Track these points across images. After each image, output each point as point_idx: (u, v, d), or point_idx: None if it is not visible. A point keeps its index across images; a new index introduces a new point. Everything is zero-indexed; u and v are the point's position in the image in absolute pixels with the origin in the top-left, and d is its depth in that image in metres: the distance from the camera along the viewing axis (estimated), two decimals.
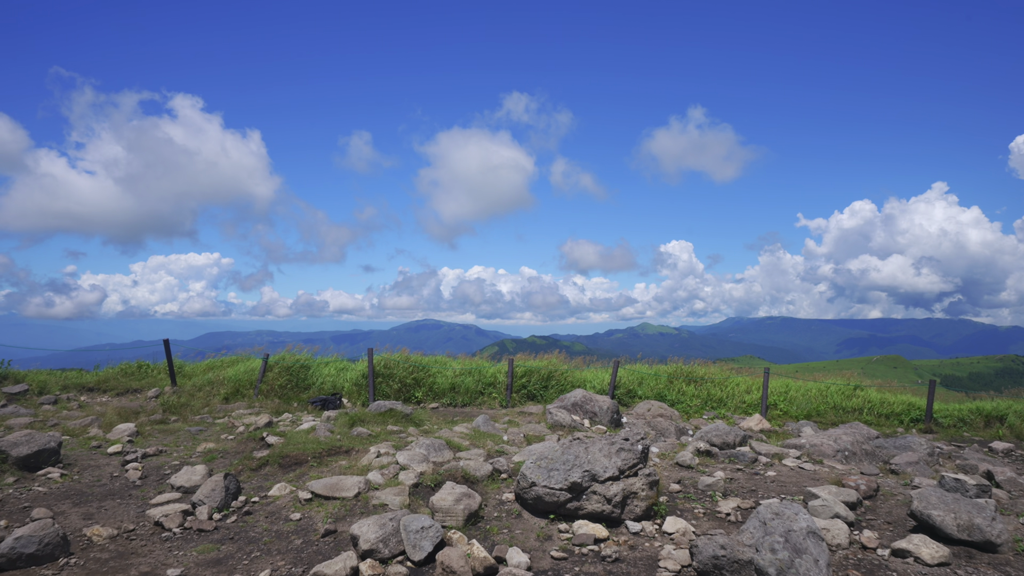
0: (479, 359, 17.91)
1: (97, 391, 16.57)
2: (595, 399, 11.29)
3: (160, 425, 11.63)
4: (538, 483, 6.04)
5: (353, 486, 6.49)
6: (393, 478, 6.89)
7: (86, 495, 7.05)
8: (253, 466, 7.75)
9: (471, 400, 15.83)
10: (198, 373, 17.45)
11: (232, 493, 6.37)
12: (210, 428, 11.37)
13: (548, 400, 15.91)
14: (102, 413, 12.79)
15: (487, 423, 10.51)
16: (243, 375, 16.03)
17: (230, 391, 15.54)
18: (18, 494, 7.04)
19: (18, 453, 7.89)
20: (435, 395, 15.87)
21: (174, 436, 10.62)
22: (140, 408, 13.95)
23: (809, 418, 14.85)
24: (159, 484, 7.44)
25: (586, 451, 6.22)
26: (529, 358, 17.73)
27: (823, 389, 16.33)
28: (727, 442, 9.47)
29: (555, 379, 16.52)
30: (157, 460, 8.73)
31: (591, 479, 5.98)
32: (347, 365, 17.08)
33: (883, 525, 6.06)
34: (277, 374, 15.97)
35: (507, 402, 15.58)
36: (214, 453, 8.91)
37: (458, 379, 16.18)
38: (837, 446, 8.93)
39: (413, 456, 7.43)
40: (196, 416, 12.53)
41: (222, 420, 12.29)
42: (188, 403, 13.98)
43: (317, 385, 15.93)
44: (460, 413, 14.58)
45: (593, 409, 11.13)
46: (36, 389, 15.44)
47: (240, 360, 17.93)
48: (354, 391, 15.60)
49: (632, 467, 6.12)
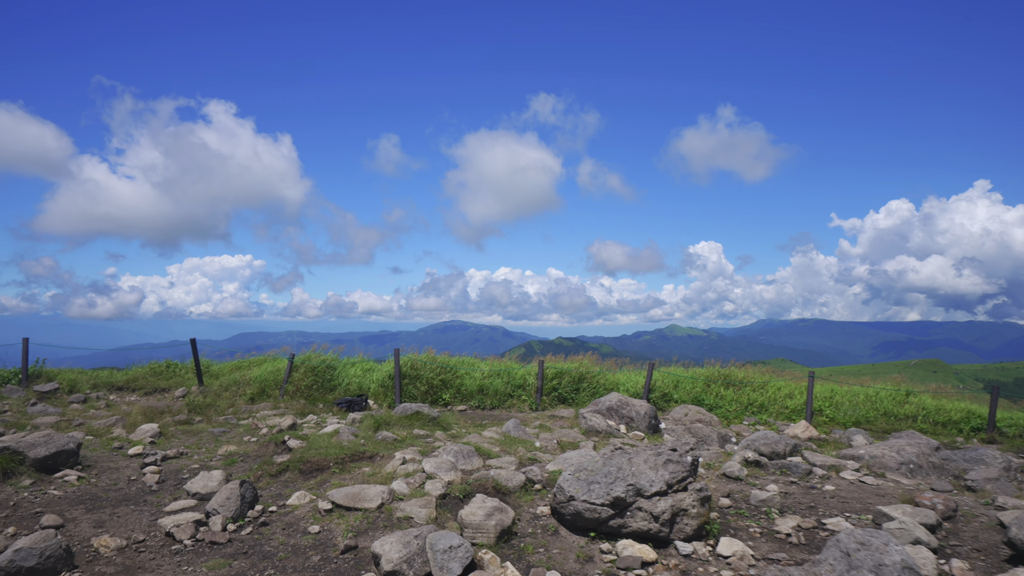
0: (508, 360, 17.40)
1: (126, 390, 16.54)
2: (631, 403, 10.67)
3: (184, 426, 11.40)
4: (577, 497, 5.49)
5: (376, 496, 6.02)
6: (419, 488, 6.41)
7: (100, 500, 6.73)
8: (273, 472, 7.35)
9: (500, 403, 15.33)
10: (225, 373, 17.31)
11: (248, 502, 5.96)
12: (233, 429, 11.08)
13: (580, 403, 15.31)
14: (128, 413, 12.63)
15: (518, 428, 9.99)
16: (269, 375, 15.81)
17: (256, 391, 15.32)
18: (32, 498, 6.76)
19: (36, 454, 7.64)
20: (463, 397, 15.42)
21: (197, 437, 10.35)
22: (166, 408, 13.79)
23: (858, 425, 13.96)
24: (175, 489, 7.09)
25: (630, 462, 5.64)
26: (559, 360, 17.15)
27: (872, 395, 15.40)
28: (776, 451, 8.77)
29: (587, 382, 15.92)
30: (177, 463, 8.42)
31: (636, 494, 5.40)
32: (373, 366, 16.74)
33: (972, 553, 5.34)
34: (303, 374, 15.70)
35: (537, 405, 15.04)
36: (234, 456, 8.57)
37: (487, 381, 15.69)
38: (900, 458, 8.17)
39: (440, 464, 6.94)
40: (220, 417, 12.28)
41: (246, 421, 12.02)
42: (213, 403, 13.77)
43: (343, 386, 15.62)
44: (489, 416, 14.09)
45: (629, 414, 10.52)
46: (66, 388, 15.45)
47: (267, 360, 17.74)
48: (380, 392, 15.23)
49: (681, 481, 5.53)
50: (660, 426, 10.65)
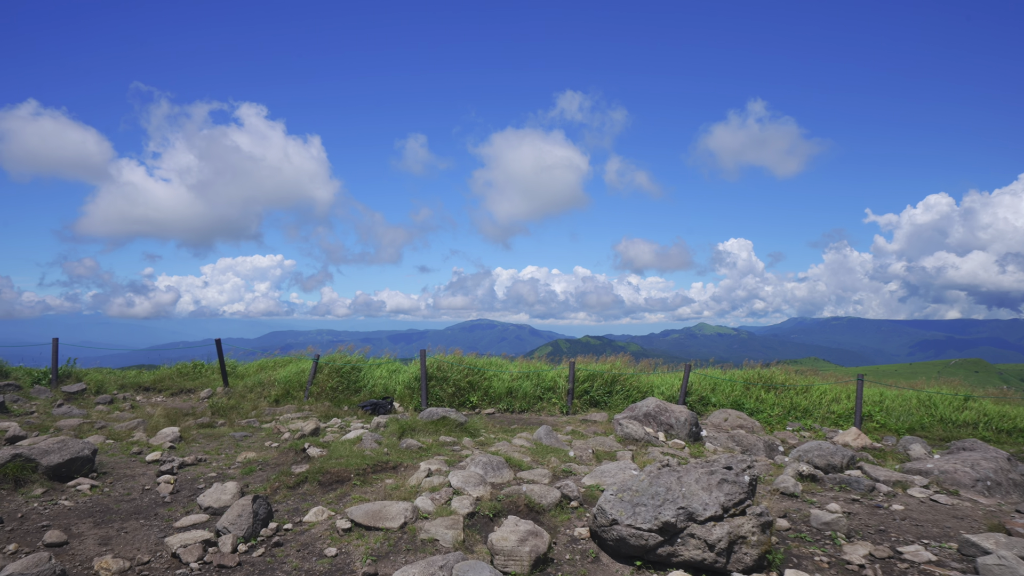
0: (537, 361, 16.84)
1: (153, 391, 16.43)
2: (670, 409, 10.02)
3: (206, 429, 11.11)
4: (620, 521, 4.91)
5: (399, 514, 5.52)
6: (445, 504, 5.89)
7: (111, 513, 6.37)
8: (290, 483, 6.92)
9: (529, 406, 14.77)
10: (250, 373, 17.11)
11: (262, 519, 5.51)
12: (255, 434, 10.74)
13: (613, 407, 14.67)
14: (151, 415, 12.41)
15: (549, 435, 9.42)
16: (294, 376, 15.52)
17: (280, 393, 15.04)
18: (42, 509, 6.44)
19: (48, 462, 7.34)
20: (491, 400, 14.90)
21: (217, 442, 10.02)
22: (191, 410, 13.57)
23: (912, 432, 13.04)
24: (189, 501, 6.71)
25: (679, 482, 5.03)
26: (591, 361, 16.51)
27: (925, 399, 14.41)
28: (832, 464, 8.04)
29: (620, 384, 15.26)
30: (194, 471, 8.06)
31: (688, 518, 4.79)
32: (399, 367, 16.34)
33: None
34: (327, 376, 15.37)
35: (568, 409, 14.44)
36: (253, 464, 8.18)
37: (515, 383, 15.15)
38: (975, 474, 7.37)
39: (468, 477, 6.42)
40: (243, 420, 11.98)
41: (268, 425, 11.68)
42: (237, 405, 13.50)
43: (368, 388, 15.24)
44: (518, 420, 13.55)
45: (668, 421, 9.86)
46: (93, 388, 15.38)
47: (292, 361, 17.49)
48: (406, 394, 14.81)
49: (739, 504, 4.90)
50: (701, 433, 9.97)
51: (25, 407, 13.27)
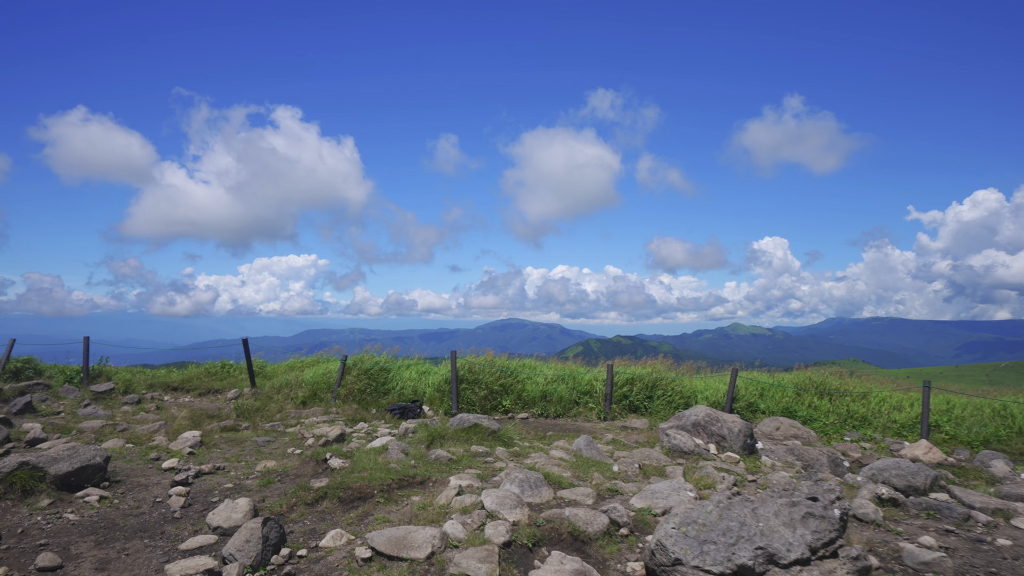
0: (573, 364, 16.06)
1: (181, 390, 16.20)
2: (722, 419, 9.15)
3: (228, 433, 10.66)
4: (685, 561, 4.14)
5: (425, 543, 4.85)
6: (478, 530, 5.20)
7: (116, 530, 5.86)
8: (309, 499, 6.32)
9: (565, 411, 14.02)
10: (278, 374, 16.75)
11: (272, 544, 4.90)
12: (278, 439, 10.24)
13: (654, 413, 13.81)
14: (174, 417, 12.06)
15: (590, 446, 8.66)
16: (321, 378, 15.07)
17: (307, 394, 14.60)
18: (44, 523, 5.97)
19: (57, 471, 6.90)
20: (524, 404, 14.20)
21: (239, 448, 9.54)
22: (216, 411, 13.21)
23: (988, 445, 11.85)
24: (199, 518, 6.16)
25: (754, 514, 4.24)
26: (628, 363, 15.67)
27: (999, 408, 13.16)
28: (914, 485, 7.09)
29: (661, 388, 14.37)
30: (210, 480, 7.55)
31: (768, 561, 4.00)
32: (429, 368, 15.76)
33: None
34: (355, 377, 14.87)
35: (606, 414, 13.64)
36: (272, 475, 7.63)
37: (550, 386, 14.41)
38: None
39: (503, 498, 5.71)
40: (267, 423, 11.52)
41: (293, 429, 11.19)
42: (263, 407, 13.08)
43: (397, 390, 14.69)
44: (553, 426, 12.81)
45: (720, 431, 9.00)
46: (122, 388, 15.19)
47: (320, 361, 17.09)
48: (436, 397, 14.20)
49: (829, 543, 4.08)
50: (756, 446, 9.08)
51: (53, 407, 13.08)
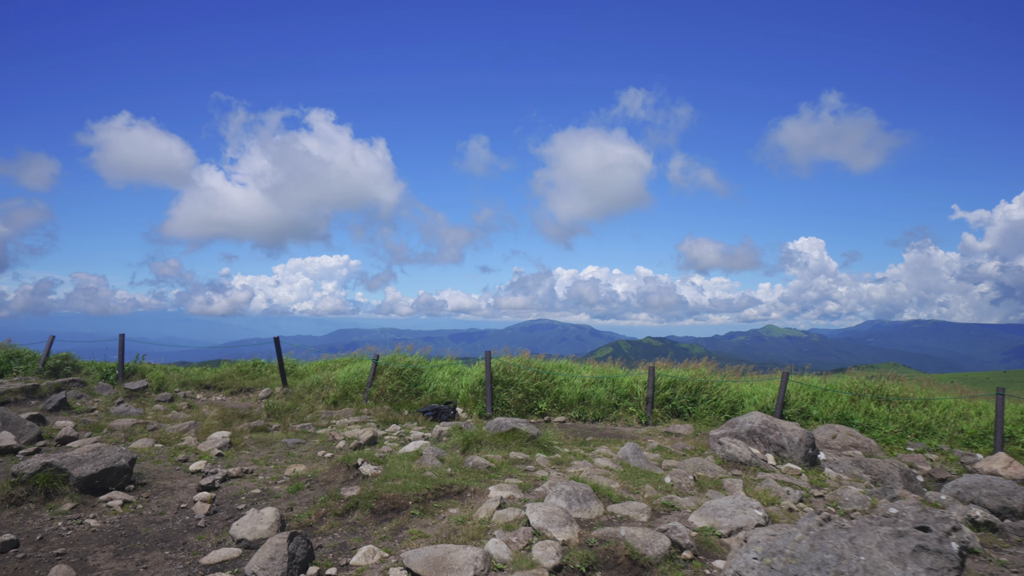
0: (611, 365, 15.43)
1: (213, 389, 16.08)
2: (780, 427, 8.45)
3: (258, 434, 10.37)
4: None
5: (466, 565, 4.35)
6: (524, 551, 4.68)
7: (137, 538, 5.51)
8: (339, 509, 5.88)
9: (604, 414, 13.41)
10: (310, 373, 16.51)
11: (299, 563, 4.46)
12: (309, 441, 9.89)
13: (699, 418, 13.10)
14: (205, 416, 11.84)
15: (637, 454, 8.06)
16: (353, 377, 14.75)
17: (339, 394, 14.28)
18: (65, 529, 5.66)
19: (81, 473, 6.62)
20: (561, 407, 13.63)
21: (268, 450, 9.21)
22: (247, 410, 12.98)
23: None
24: (224, 527, 5.78)
25: (852, 546, 3.62)
26: (669, 365, 14.97)
27: None
28: (1010, 507, 6.32)
29: (705, 392, 13.65)
30: (237, 485, 7.19)
31: None
32: (462, 369, 15.31)
33: None
34: (387, 377, 14.50)
35: (648, 419, 12.99)
36: (301, 481, 7.23)
37: (588, 389, 13.81)
38: None
39: (550, 513, 5.18)
40: (298, 424, 11.20)
41: (324, 430, 10.84)
42: (294, 407, 12.80)
43: (430, 391, 14.27)
44: (592, 431, 12.23)
45: (779, 441, 8.31)
46: (155, 386, 15.12)
47: (351, 360, 16.79)
48: (470, 399, 13.74)
49: None
50: (818, 457, 8.36)
51: (87, 404, 13.02)
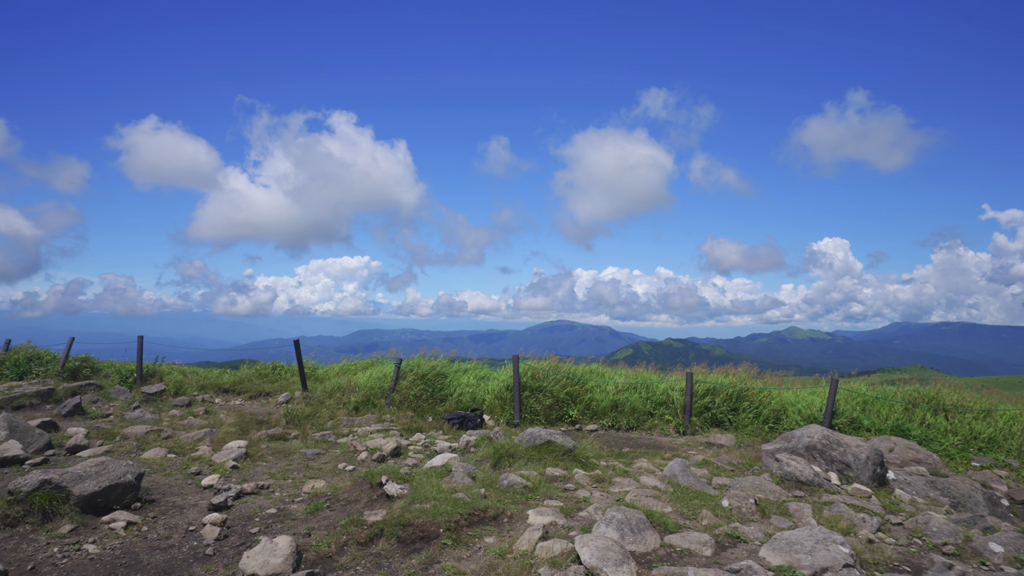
0: (644, 371, 14.66)
1: (232, 392, 15.65)
2: (843, 442, 7.64)
3: (276, 443, 9.82)
4: None
5: None
6: None
7: (137, 568, 4.94)
8: (362, 537, 5.25)
9: (638, 423, 12.66)
10: (331, 377, 16.00)
11: None
12: (329, 451, 9.31)
13: (740, 427, 12.29)
14: (222, 423, 11.35)
15: (685, 471, 7.33)
16: (375, 382, 14.18)
17: (360, 400, 13.73)
18: (60, 557, 5.11)
19: (82, 491, 6.08)
20: (593, 414, 12.91)
21: (286, 461, 8.64)
22: (266, 416, 12.48)
23: None
24: (234, 556, 5.18)
25: None
26: (709, 371, 14.17)
27: None
28: None
29: (747, 400, 12.82)
30: (251, 504, 6.61)
31: None
32: (488, 373, 14.66)
33: None
34: (411, 382, 13.91)
35: (686, 428, 12.21)
36: (320, 499, 6.62)
37: (621, 396, 13.07)
38: None
39: (603, 548, 4.49)
40: (318, 433, 10.64)
41: (345, 439, 10.27)
42: (314, 414, 12.26)
43: (455, 397, 13.65)
44: (627, 440, 11.50)
45: (843, 458, 7.49)
46: (172, 390, 14.72)
47: (373, 364, 16.24)
48: (497, 405, 13.08)
49: None
50: (887, 476, 7.53)
51: (103, 408, 12.63)
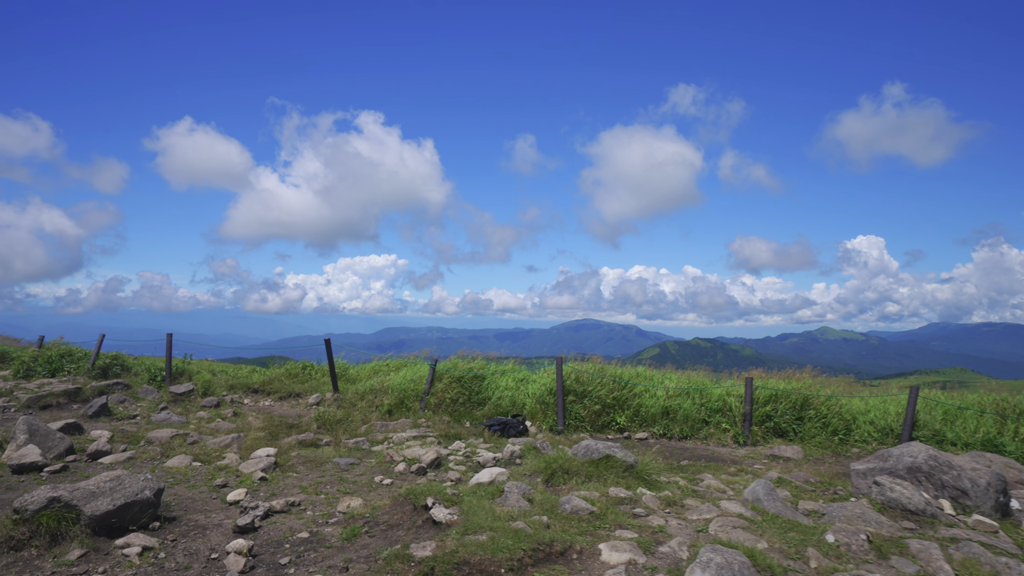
0: (697, 374, 13.65)
1: (261, 393, 15.11)
2: (955, 464, 6.59)
3: (307, 450, 9.12)
4: None
5: None
6: None
7: None
8: None
9: (692, 431, 11.68)
10: (362, 377, 15.34)
11: None
12: (364, 461, 8.58)
13: (806, 438, 11.23)
14: (250, 426, 10.72)
15: (770, 495, 6.37)
16: (408, 384, 13.45)
17: (394, 402, 13.01)
18: None
19: (94, 510, 5.40)
20: (642, 421, 11.97)
21: (318, 472, 7.92)
22: (296, 418, 11.83)
23: None
24: None
25: None
26: (768, 375, 13.10)
27: None
28: None
29: (813, 408, 11.75)
30: (281, 525, 5.87)
31: None
32: (527, 376, 13.82)
33: None
34: (446, 385, 13.14)
35: (746, 438, 11.20)
36: (357, 523, 5.84)
37: (673, 401, 12.10)
38: None
39: None
40: (351, 439, 9.92)
41: (380, 446, 9.54)
42: (346, 418, 11.56)
43: (493, 401, 12.83)
44: (683, 451, 10.55)
45: (958, 483, 6.44)
46: (200, 390, 14.21)
47: (406, 364, 15.53)
48: (538, 411, 12.23)
49: None
50: (1011, 505, 6.46)
51: (129, 409, 12.14)
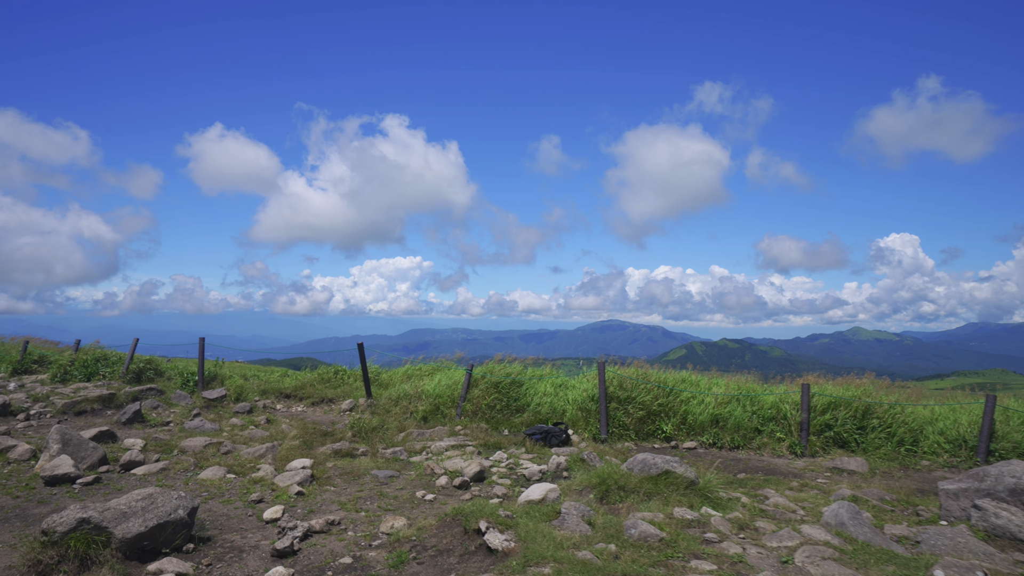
0: (745, 380, 12.95)
1: (294, 398, 14.84)
2: None
3: (343, 460, 8.74)
4: None
5: None
6: None
7: None
8: None
9: (744, 441, 11.01)
10: (395, 382, 14.96)
11: None
12: (403, 473, 8.15)
13: (870, 449, 10.48)
14: (284, 434, 10.39)
15: (856, 519, 5.75)
16: (444, 390, 13.01)
17: (429, 408, 12.59)
18: None
19: (126, 532, 5.04)
20: (689, 429, 11.34)
21: (356, 485, 7.52)
22: (330, 426, 11.49)
23: None
24: None
25: None
26: (826, 381, 12.35)
27: None
28: None
29: (876, 417, 10.98)
30: (321, 548, 5.45)
31: None
32: (565, 381, 13.28)
33: None
34: (483, 391, 12.66)
35: (803, 449, 10.50)
36: (403, 548, 5.38)
37: (722, 409, 11.45)
38: None
39: None
40: (388, 449, 9.51)
41: (418, 457, 9.12)
42: (381, 425, 11.17)
43: (532, 407, 12.32)
44: (736, 463, 9.90)
45: None
46: (233, 395, 13.99)
47: (440, 369, 15.11)
48: (579, 418, 11.69)
49: None
50: None
51: (163, 416, 11.95)
